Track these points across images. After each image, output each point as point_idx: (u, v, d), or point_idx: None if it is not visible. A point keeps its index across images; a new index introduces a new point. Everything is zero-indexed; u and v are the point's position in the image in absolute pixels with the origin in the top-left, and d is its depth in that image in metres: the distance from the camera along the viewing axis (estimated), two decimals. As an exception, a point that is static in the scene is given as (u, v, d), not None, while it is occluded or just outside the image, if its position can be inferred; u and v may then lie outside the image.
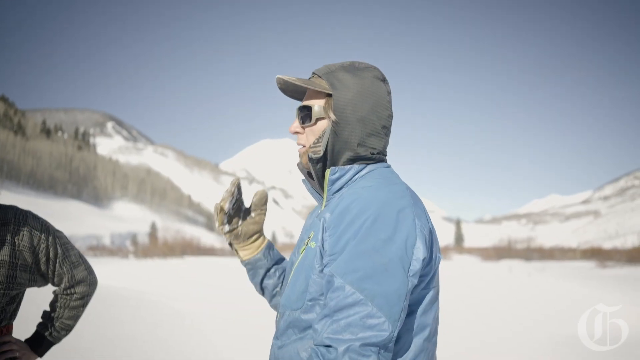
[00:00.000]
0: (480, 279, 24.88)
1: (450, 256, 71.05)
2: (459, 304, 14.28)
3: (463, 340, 9.12)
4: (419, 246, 1.33)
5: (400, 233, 1.31)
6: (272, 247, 1.84)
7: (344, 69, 1.53)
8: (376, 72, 1.55)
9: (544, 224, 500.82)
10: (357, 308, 1.24)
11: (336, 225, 1.37)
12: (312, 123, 1.54)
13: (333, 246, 1.35)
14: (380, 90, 1.53)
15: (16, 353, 2.09)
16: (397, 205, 1.35)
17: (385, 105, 1.53)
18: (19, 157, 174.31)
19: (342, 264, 1.30)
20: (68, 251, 2.17)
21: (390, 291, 1.26)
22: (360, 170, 1.51)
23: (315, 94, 1.55)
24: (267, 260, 1.81)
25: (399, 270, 1.28)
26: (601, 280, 24.47)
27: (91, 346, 7.62)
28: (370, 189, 1.41)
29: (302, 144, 1.59)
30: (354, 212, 1.35)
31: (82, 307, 2.27)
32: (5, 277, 1.97)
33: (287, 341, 1.49)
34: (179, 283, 20.98)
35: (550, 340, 9.25)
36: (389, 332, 1.24)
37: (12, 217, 2.03)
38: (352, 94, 1.48)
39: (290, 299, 1.51)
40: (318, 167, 1.54)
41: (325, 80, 1.52)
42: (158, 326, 9.79)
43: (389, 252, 1.29)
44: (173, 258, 54.44)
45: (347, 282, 1.27)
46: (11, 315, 2.11)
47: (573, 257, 68.74)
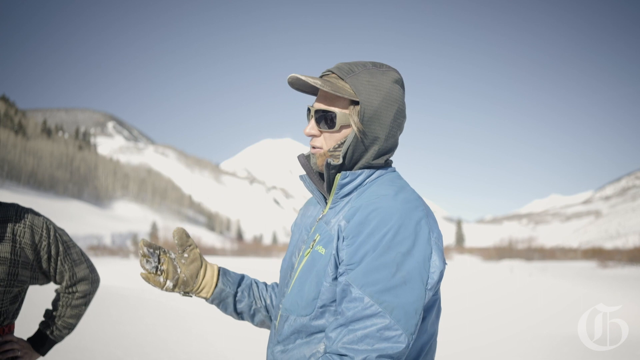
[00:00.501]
0: (481, 279, 24.84)
1: (451, 256, 70.98)
2: (460, 304, 14.26)
3: (465, 340, 9.10)
4: (435, 259, 1.35)
5: (419, 246, 1.32)
6: (226, 272, 1.79)
7: (367, 72, 1.48)
8: (397, 75, 1.52)
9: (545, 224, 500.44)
10: (375, 320, 1.26)
11: (355, 236, 1.36)
12: (336, 130, 1.49)
13: (352, 256, 1.34)
14: (401, 96, 1.51)
15: (18, 352, 2.09)
16: (414, 218, 1.36)
17: (403, 111, 1.52)
18: (19, 157, 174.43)
19: (361, 275, 1.31)
20: (70, 249, 2.17)
21: (409, 304, 1.28)
22: (370, 175, 1.50)
23: (338, 98, 1.48)
24: (229, 287, 1.75)
25: (417, 283, 1.30)
26: (602, 280, 24.43)
27: (92, 345, 7.61)
28: (387, 199, 1.40)
29: (319, 147, 1.53)
30: (374, 223, 1.35)
31: (84, 305, 2.25)
32: (7, 275, 1.97)
33: (290, 346, 1.48)
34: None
35: (551, 340, 9.22)
36: (405, 345, 1.26)
37: (13, 214, 2.02)
38: (378, 102, 1.45)
39: (298, 305, 1.49)
40: (332, 172, 1.51)
41: (350, 84, 1.46)
42: (158, 326, 9.77)
43: (408, 265, 1.30)
44: (174, 258, 54.35)
45: (366, 294, 1.28)
46: (13, 315, 2.10)
47: (574, 257, 68.68)
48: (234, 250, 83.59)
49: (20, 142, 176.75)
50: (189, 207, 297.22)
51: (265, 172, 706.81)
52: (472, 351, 8.28)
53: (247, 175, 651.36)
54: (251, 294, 1.80)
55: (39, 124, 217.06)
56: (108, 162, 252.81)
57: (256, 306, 1.79)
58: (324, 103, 1.50)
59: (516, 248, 75.61)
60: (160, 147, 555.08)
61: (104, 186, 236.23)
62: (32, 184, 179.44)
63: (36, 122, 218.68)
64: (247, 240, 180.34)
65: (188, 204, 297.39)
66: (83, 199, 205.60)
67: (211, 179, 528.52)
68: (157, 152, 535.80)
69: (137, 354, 7.34)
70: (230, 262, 41.31)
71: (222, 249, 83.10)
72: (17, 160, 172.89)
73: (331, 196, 1.54)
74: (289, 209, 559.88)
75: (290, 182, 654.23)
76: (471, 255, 78.95)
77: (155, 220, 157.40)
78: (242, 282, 1.80)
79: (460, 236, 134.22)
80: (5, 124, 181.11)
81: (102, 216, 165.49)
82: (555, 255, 71.53)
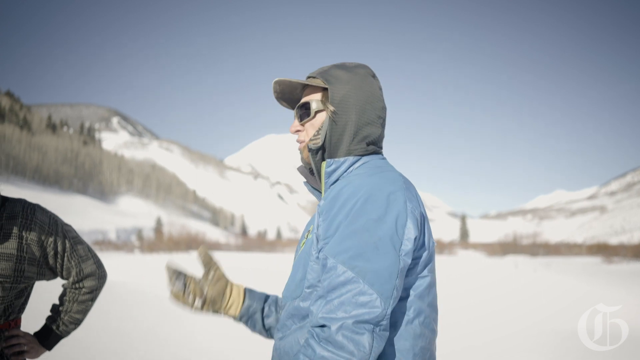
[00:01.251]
0: (486, 275, 24.80)
1: (455, 252, 70.95)
2: (464, 300, 14.23)
3: (468, 336, 9.08)
4: (410, 226, 1.35)
5: (391, 213, 1.33)
6: (252, 289, 1.82)
7: (336, 67, 1.61)
8: (367, 69, 1.63)
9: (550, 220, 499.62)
10: (349, 286, 1.26)
11: (328, 210, 1.40)
12: (312, 117, 1.60)
13: (326, 230, 1.38)
14: (373, 85, 1.59)
15: (24, 347, 2.09)
16: (388, 188, 1.38)
17: (378, 97, 1.59)
18: (24, 152, 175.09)
19: (334, 244, 1.33)
20: (76, 245, 2.15)
21: (381, 268, 1.27)
22: (355, 162, 1.54)
23: (312, 91, 1.62)
24: (256, 303, 1.78)
25: (389, 248, 1.30)
26: (607, 275, 24.36)
27: (97, 340, 7.62)
28: (363, 176, 1.45)
29: (302, 140, 1.65)
30: (345, 195, 1.38)
31: (90, 301, 2.25)
32: (13, 271, 1.96)
33: (287, 332, 1.50)
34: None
35: (556, 336, 9.19)
36: (381, 309, 1.25)
37: (20, 210, 2.01)
38: (348, 87, 1.55)
39: (290, 288, 1.55)
40: (317, 159, 1.59)
41: (320, 77, 1.58)
42: (162, 322, 9.78)
43: (380, 231, 1.31)
44: (178, 253, 54.51)
45: (338, 262, 1.29)
46: (19, 309, 2.10)
47: (579, 253, 68.45)
48: (238, 245, 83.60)
49: (25, 137, 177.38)
50: (194, 202, 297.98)
51: (269, 167, 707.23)
52: (477, 348, 8.26)
53: (251, 171, 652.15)
54: (278, 309, 1.80)
55: (43, 119, 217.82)
56: (113, 158, 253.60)
57: None
58: (303, 99, 1.65)
59: (521, 244, 75.34)
60: (165, 143, 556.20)
61: (109, 181, 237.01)
62: (37, 179, 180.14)
63: (41, 117, 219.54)
64: (251, 235, 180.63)
65: (192, 199, 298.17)
66: (88, 194, 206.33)
67: (215, 174, 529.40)
68: (162, 147, 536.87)
69: (142, 349, 7.35)
70: (234, 257, 41.39)
71: (227, 244, 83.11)
72: (22, 155, 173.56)
73: (322, 185, 1.61)
74: (293, 204, 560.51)
75: (295, 177, 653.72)
76: (475, 250, 78.79)
77: (159, 215, 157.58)
78: (268, 298, 1.82)
79: (464, 231, 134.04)
80: (11, 119, 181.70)
81: (107, 211, 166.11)
82: (560, 251, 71.31)
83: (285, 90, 1.66)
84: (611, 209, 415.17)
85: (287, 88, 1.66)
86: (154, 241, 77.08)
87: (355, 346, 1.21)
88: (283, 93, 1.67)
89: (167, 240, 71.53)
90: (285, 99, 1.70)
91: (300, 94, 1.69)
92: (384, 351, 1.35)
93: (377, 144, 1.61)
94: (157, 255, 45.86)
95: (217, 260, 1.80)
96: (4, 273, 1.95)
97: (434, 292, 1.49)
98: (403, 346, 1.39)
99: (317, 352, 1.23)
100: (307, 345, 1.28)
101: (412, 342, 1.40)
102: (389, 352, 1.37)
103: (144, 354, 7.04)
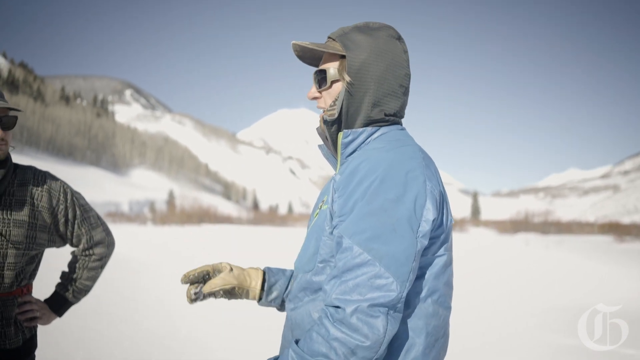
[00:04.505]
0: (496, 252, 24.81)
1: (466, 229, 70.85)
2: (475, 277, 14.25)
3: (480, 315, 9.11)
4: (429, 207, 1.32)
5: (410, 193, 1.30)
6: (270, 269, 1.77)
7: (357, 29, 1.51)
8: (391, 31, 1.52)
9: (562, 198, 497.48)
10: (365, 268, 1.24)
11: (345, 186, 1.36)
12: (328, 86, 1.53)
13: (342, 207, 1.35)
14: (396, 49, 1.50)
15: (36, 313, 2.11)
16: (406, 166, 1.34)
17: (401, 63, 1.50)
18: (38, 123, 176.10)
19: (351, 224, 1.30)
20: (87, 212, 2.19)
21: (398, 251, 1.25)
22: (373, 133, 1.49)
23: (330, 57, 1.54)
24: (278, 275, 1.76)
25: (407, 230, 1.27)
26: (617, 254, 24.30)
27: (109, 309, 7.73)
28: (381, 150, 1.40)
29: (321, 107, 1.58)
30: (362, 172, 1.34)
31: (100, 268, 2.29)
32: (25, 237, 1.99)
33: (299, 303, 1.50)
34: (196, 251, 21.15)
35: (567, 312, 9.19)
36: (397, 293, 1.23)
37: (30, 177, 2.04)
38: (366, 54, 1.46)
39: (302, 261, 1.53)
40: (333, 130, 1.55)
41: (339, 42, 1.51)
42: (174, 291, 9.88)
43: (397, 212, 1.28)
44: (191, 225, 54.93)
45: (355, 243, 1.27)
46: (30, 275, 2.12)
47: (591, 232, 68.19)
48: (249, 219, 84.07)
49: (39, 108, 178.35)
50: (206, 175, 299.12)
51: (281, 142, 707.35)
52: (490, 328, 8.29)
53: (263, 145, 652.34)
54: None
55: (57, 91, 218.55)
56: (126, 130, 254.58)
57: None
58: (321, 65, 1.57)
59: (532, 221, 75.14)
60: (178, 116, 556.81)
61: (122, 154, 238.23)
62: (50, 150, 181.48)
63: (54, 89, 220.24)
64: (263, 209, 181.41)
65: (204, 172, 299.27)
66: (101, 166, 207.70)
67: (228, 149, 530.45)
68: (174, 120, 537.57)
69: (153, 318, 7.45)
70: (245, 230, 41.65)
71: (238, 218, 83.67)
72: (36, 126, 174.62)
73: (338, 156, 1.56)
74: (304, 179, 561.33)
75: (306, 152, 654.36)
76: (487, 228, 78.58)
77: (172, 189, 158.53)
78: (286, 270, 1.79)
79: (476, 209, 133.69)
80: (24, 91, 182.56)
81: (120, 183, 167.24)
82: (571, 229, 71.00)
83: (306, 50, 1.58)
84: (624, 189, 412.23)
85: (307, 49, 1.57)
86: (167, 214, 77.77)
87: (370, 329, 1.21)
88: (304, 52, 1.59)
89: (179, 213, 72.13)
90: (307, 57, 1.62)
91: (322, 53, 1.59)
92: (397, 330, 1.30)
93: (397, 114, 1.54)
94: (169, 228, 46.27)
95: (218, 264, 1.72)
96: (17, 239, 1.97)
97: (450, 270, 1.46)
98: (416, 325, 1.38)
99: (331, 332, 1.23)
100: (320, 324, 1.27)
101: (425, 321, 1.38)
102: (402, 331, 1.36)
103: (156, 323, 7.14)
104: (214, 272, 1.70)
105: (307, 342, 1.27)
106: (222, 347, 6.09)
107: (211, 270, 1.69)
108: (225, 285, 1.66)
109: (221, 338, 6.52)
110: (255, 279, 1.72)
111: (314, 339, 1.26)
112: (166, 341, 6.22)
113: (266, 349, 2.61)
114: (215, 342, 6.30)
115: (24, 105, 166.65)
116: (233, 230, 41.05)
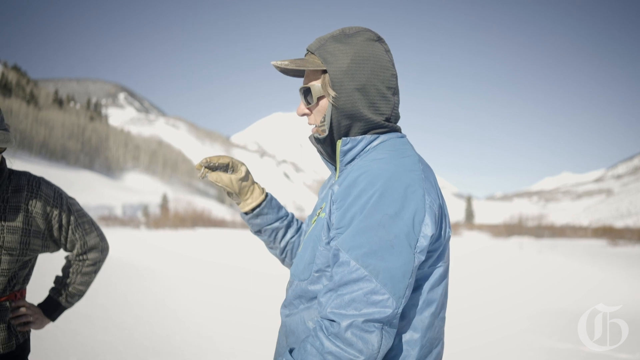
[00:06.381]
0: (490, 256, 24.83)
1: (460, 232, 70.81)
2: (468, 281, 14.27)
3: (472, 319, 9.11)
4: (428, 222, 1.30)
5: (408, 209, 1.29)
6: (269, 200, 1.80)
7: (333, 39, 1.47)
8: (368, 34, 1.48)
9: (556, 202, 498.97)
10: (361, 284, 1.23)
11: (343, 199, 1.35)
12: (315, 103, 1.51)
13: (340, 220, 1.33)
14: (377, 51, 1.46)
15: (30, 317, 2.11)
16: (405, 180, 1.32)
17: (385, 65, 1.46)
18: (31, 126, 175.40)
19: (348, 238, 1.28)
20: (81, 218, 2.18)
21: (395, 267, 1.24)
22: (372, 141, 1.47)
23: (313, 73, 1.51)
24: (276, 200, 1.80)
25: (404, 246, 1.26)
26: (611, 258, 24.38)
27: (101, 314, 7.69)
28: (380, 162, 1.38)
29: (312, 124, 1.57)
30: (361, 185, 1.32)
31: (94, 273, 2.29)
32: (19, 244, 1.98)
33: (294, 310, 1.50)
34: (189, 254, 21.10)
35: (561, 316, 9.21)
36: (392, 309, 1.23)
37: (25, 183, 2.03)
38: (347, 64, 1.43)
39: (298, 269, 1.53)
40: (326, 145, 1.53)
41: (318, 56, 1.47)
42: (166, 296, 9.86)
43: (396, 227, 1.26)
44: (184, 229, 54.77)
45: (352, 258, 1.26)
46: (24, 280, 2.11)
47: (584, 236, 68.28)
48: (243, 223, 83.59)
49: (32, 112, 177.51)
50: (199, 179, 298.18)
51: (275, 145, 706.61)
52: (482, 332, 8.29)
53: (257, 149, 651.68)
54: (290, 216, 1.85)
55: (50, 94, 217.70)
56: (119, 133, 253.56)
57: (293, 225, 1.84)
58: (304, 81, 1.55)
59: (526, 225, 75.16)
60: (171, 119, 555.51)
61: (115, 157, 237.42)
62: (43, 153, 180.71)
63: (48, 92, 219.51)
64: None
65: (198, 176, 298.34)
66: (94, 169, 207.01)
67: (222, 152, 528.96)
68: (168, 124, 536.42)
69: (147, 322, 7.41)
70: (239, 234, 41.55)
71: (232, 222, 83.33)
72: (29, 130, 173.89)
73: (337, 164, 1.53)
74: (298, 183, 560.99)
75: (301, 156, 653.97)
76: (480, 231, 78.63)
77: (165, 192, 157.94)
78: (282, 209, 1.83)
79: (469, 213, 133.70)
80: (17, 94, 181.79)
81: (113, 187, 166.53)
82: (565, 233, 71.04)
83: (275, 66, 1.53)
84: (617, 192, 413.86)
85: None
86: (160, 217, 77.33)
87: (364, 344, 1.20)
88: (286, 69, 1.53)
89: (172, 217, 71.77)
90: (290, 71, 1.57)
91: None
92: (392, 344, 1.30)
93: (392, 118, 1.51)
94: (162, 232, 46.10)
95: (236, 160, 1.75)
96: (11, 246, 1.96)
97: (446, 280, 1.45)
98: (411, 337, 1.37)
99: (326, 345, 1.22)
100: (315, 336, 1.26)
101: (421, 334, 1.38)
102: (396, 345, 1.35)
103: (150, 327, 7.10)
104: (231, 167, 1.73)
105: (301, 354, 1.27)
106: (217, 352, 6.07)
107: (230, 164, 1.72)
108: (227, 186, 1.68)
109: (216, 343, 6.50)
110: (254, 198, 1.75)
111: (308, 350, 1.25)
112: (160, 346, 6.19)
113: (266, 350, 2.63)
114: (210, 347, 6.28)
115: (17, 109, 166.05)
116: (227, 234, 40.96)
